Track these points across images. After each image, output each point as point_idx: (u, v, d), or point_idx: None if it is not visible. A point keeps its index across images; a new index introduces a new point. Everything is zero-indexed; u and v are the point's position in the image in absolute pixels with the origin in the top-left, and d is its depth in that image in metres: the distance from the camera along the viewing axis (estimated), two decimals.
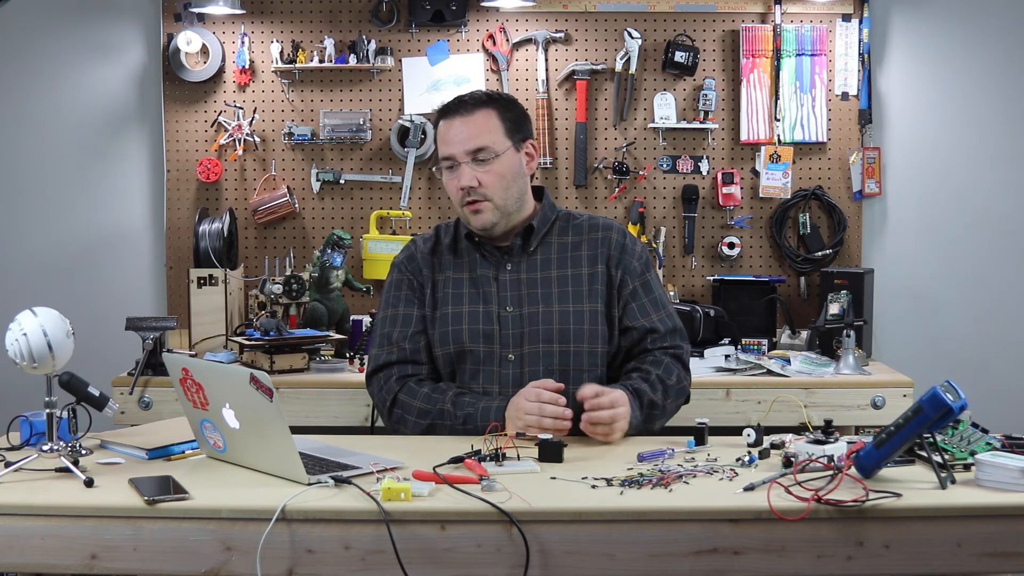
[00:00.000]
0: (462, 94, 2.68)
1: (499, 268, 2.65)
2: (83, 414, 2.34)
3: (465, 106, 2.61)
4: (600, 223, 2.71)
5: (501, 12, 4.11)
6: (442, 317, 2.63)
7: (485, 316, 2.61)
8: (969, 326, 4.19)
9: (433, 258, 2.69)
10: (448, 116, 2.62)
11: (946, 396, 1.96)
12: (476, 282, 2.65)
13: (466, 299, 2.63)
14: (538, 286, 2.63)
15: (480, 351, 2.59)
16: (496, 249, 2.66)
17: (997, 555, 1.94)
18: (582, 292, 2.63)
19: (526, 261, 2.65)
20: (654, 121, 4.10)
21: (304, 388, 3.47)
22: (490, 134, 2.59)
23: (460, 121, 2.60)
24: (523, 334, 2.60)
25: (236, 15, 4.07)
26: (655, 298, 2.67)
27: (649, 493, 2.01)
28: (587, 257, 2.66)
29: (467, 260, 2.67)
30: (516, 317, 2.61)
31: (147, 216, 4.21)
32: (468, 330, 2.60)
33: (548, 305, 2.61)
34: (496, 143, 2.59)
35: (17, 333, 2.22)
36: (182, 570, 1.95)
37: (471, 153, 2.57)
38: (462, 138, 2.58)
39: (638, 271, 2.66)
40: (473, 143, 2.57)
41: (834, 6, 4.09)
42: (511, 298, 2.62)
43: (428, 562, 1.91)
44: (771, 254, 4.16)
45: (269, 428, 2.07)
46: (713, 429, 2.38)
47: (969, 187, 4.17)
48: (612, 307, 2.64)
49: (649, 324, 2.63)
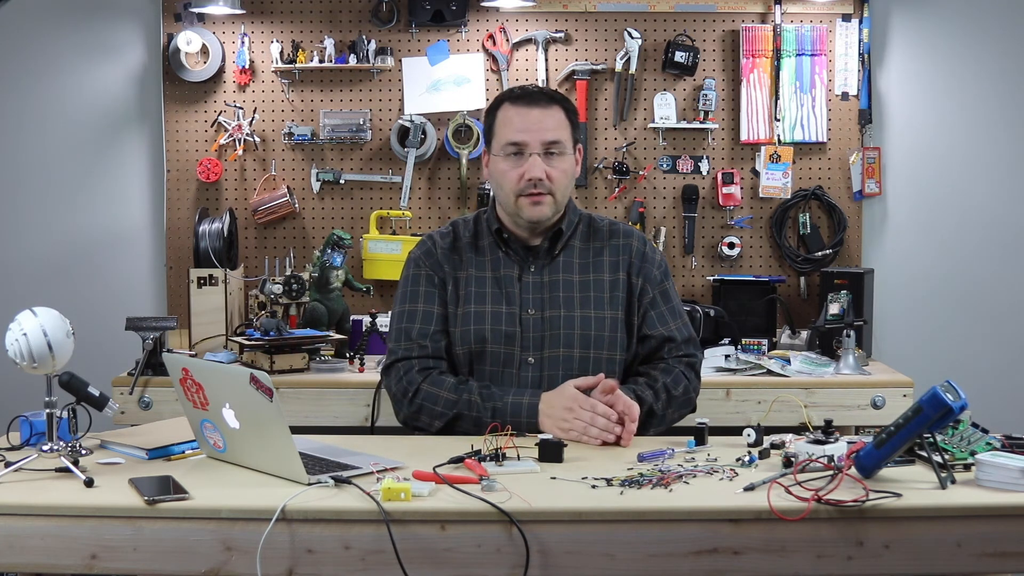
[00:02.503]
0: (530, 85, 2.69)
1: (523, 269, 2.65)
2: (83, 414, 2.34)
3: (543, 98, 2.63)
4: (621, 229, 2.72)
5: (501, 12, 4.11)
6: (464, 315, 2.62)
7: (508, 317, 2.61)
8: (969, 326, 4.18)
9: (453, 255, 2.67)
10: (522, 103, 2.62)
11: (946, 396, 1.96)
12: (500, 282, 2.64)
13: (489, 298, 2.62)
14: (560, 289, 2.63)
15: (501, 352, 2.59)
16: (523, 249, 2.66)
17: (997, 555, 1.94)
18: (603, 298, 2.63)
19: (550, 264, 2.65)
20: (654, 121, 4.10)
21: (304, 388, 3.47)
22: (563, 130, 2.62)
23: (539, 112, 2.60)
24: (544, 337, 2.60)
25: (236, 15, 4.07)
26: (673, 307, 2.68)
27: (649, 493, 2.01)
28: (609, 263, 2.67)
29: (490, 258, 2.66)
30: (537, 320, 2.61)
31: (147, 216, 4.21)
32: (491, 330, 2.60)
33: (570, 310, 2.61)
34: (566, 140, 2.62)
35: (17, 333, 2.22)
36: (182, 570, 1.95)
37: (546, 145, 2.58)
38: (540, 128, 2.58)
39: (658, 279, 2.68)
40: (551, 135, 2.59)
41: (834, 6, 4.09)
42: (533, 300, 2.62)
43: (428, 562, 1.91)
44: (771, 254, 4.16)
45: (269, 428, 2.07)
46: (713, 429, 2.38)
47: (969, 187, 4.17)
48: (632, 315, 2.65)
49: (667, 333, 2.65)
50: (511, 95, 2.66)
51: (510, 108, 2.62)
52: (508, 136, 2.60)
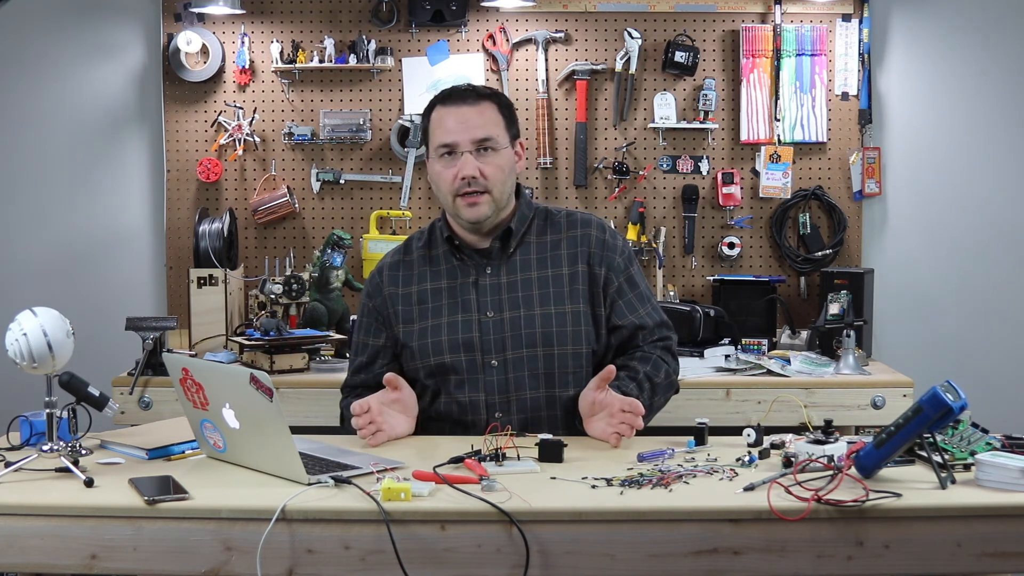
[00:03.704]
0: (459, 85, 2.64)
1: (479, 273, 2.60)
2: (83, 414, 2.34)
3: (471, 96, 2.58)
4: (579, 219, 2.66)
5: (501, 12, 4.11)
6: (420, 331, 2.59)
7: (464, 325, 2.57)
8: (969, 326, 4.19)
9: (402, 273, 2.65)
10: (451, 103, 2.58)
11: (946, 396, 1.96)
12: (454, 291, 2.60)
13: (445, 310, 2.59)
14: (518, 289, 2.59)
15: (463, 360, 2.56)
16: (475, 253, 2.61)
17: (997, 555, 1.94)
18: (563, 293, 2.58)
19: (506, 264, 2.60)
20: (654, 121, 4.10)
21: (304, 388, 3.47)
22: (495, 127, 2.57)
23: (468, 109, 2.55)
24: (505, 339, 2.56)
25: (236, 15, 4.07)
26: (640, 293, 2.63)
27: (649, 493, 2.01)
28: (567, 256, 2.61)
29: (444, 268, 2.63)
30: (497, 322, 2.57)
31: (147, 216, 4.21)
32: (448, 341, 2.56)
33: (529, 308, 2.57)
34: (499, 136, 2.57)
35: (17, 333, 2.22)
36: (182, 570, 1.95)
37: (477, 143, 2.54)
38: (469, 127, 2.54)
39: (622, 267, 2.62)
40: (481, 132, 2.54)
41: (834, 6, 4.09)
42: (491, 303, 2.58)
43: (428, 562, 1.91)
44: (771, 254, 4.16)
45: (269, 428, 2.07)
46: (713, 429, 2.38)
47: (969, 187, 4.17)
48: (597, 306, 2.60)
49: (638, 320, 2.60)
50: (441, 96, 2.61)
51: (441, 109, 2.58)
52: (440, 138, 2.56)
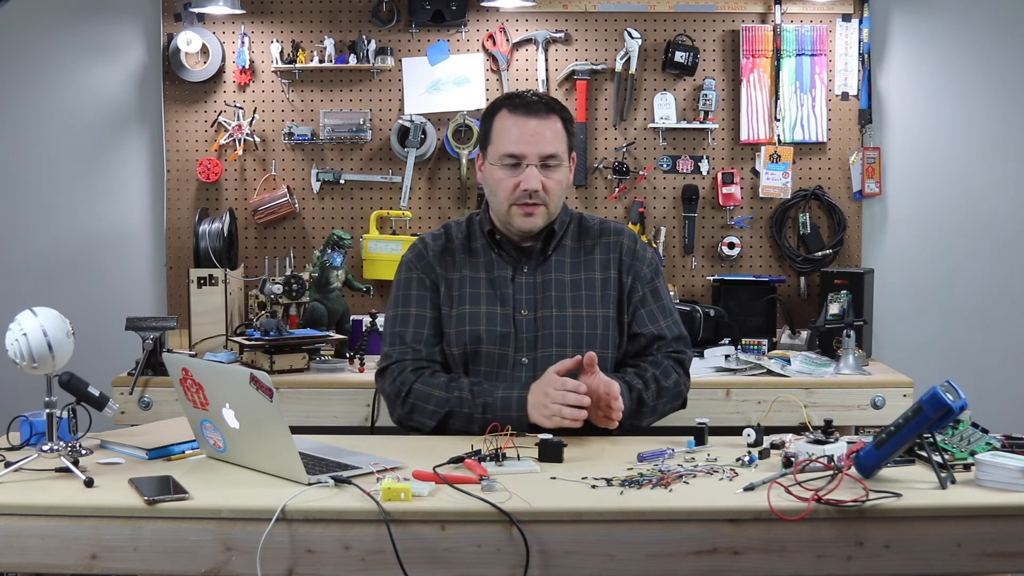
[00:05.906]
0: (528, 92, 2.66)
1: (516, 269, 2.65)
2: (83, 414, 2.34)
3: (542, 108, 2.60)
4: (612, 227, 2.72)
5: (501, 12, 4.11)
6: (458, 316, 2.62)
7: (503, 318, 2.61)
8: (969, 326, 4.18)
9: (445, 256, 2.67)
10: (521, 113, 2.59)
11: (946, 396, 1.96)
12: (494, 283, 2.64)
13: (484, 299, 2.62)
14: (552, 289, 2.63)
15: (495, 353, 2.59)
16: (515, 250, 2.66)
17: (997, 555, 1.94)
18: (595, 297, 2.64)
19: (542, 264, 2.65)
20: (654, 121, 4.10)
21: (304, 388, 3.47)
22: (560, 143, 2.60)
23: (537, 123, 2.58)
24: (537, 338, 2.60)
25: (236, 15, 4.07)
26: (663, 305, 2.68)
27: (649, 493, 2.01)
28: (600, 262, 2.67)
29: (483, 260, 2.66)
30: (531, 320, 2.61)
31: (147, 216, 4.21)
32: (486, 331, 2.60)
33: (562, 309, 2.61)
34: (562, 152, 2.61)
35: (17, 333, 2.22)
36: (182, 570, 1.95)
37: (544, 158, 2.57)
38: (539, 140, 2.57)
39: (648, 277, 2.68)
40: (549, 148, 2.57)
41: (834, 6, 4.09)
42: (526, 301, 2.62)
43: (428, 562, 1.91)
44: (771, 254, 4.16)
45: (269, 428, 2.07)
46: (713, 429, 2.38)
47: (969, 187, 4.17)
48: (623, 313, 2.65)
49: (657, 331, 2.65)
50: (510, 102, 2.63)
51: (508, 116, 2.60)
52: (505, 147, 2.58)
